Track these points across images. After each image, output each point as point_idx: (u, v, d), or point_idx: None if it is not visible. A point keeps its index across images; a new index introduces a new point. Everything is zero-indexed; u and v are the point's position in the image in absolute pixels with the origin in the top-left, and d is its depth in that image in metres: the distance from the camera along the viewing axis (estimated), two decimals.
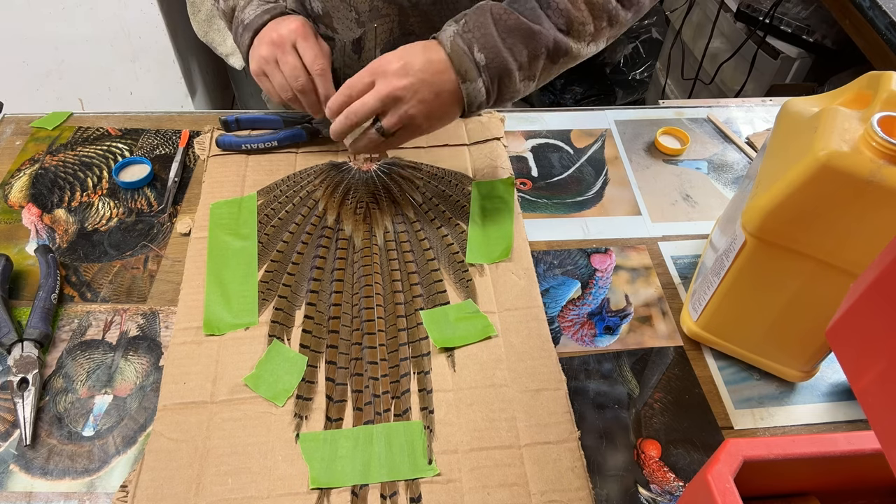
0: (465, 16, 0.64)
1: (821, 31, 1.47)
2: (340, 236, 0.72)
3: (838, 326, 0.31)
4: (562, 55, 0.65)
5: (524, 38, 0.63)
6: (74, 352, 0.62)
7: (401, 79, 0.62)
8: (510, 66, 0.63)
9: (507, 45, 0.62)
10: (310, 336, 0.64)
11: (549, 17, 0.63)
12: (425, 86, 0.62)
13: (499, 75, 0.63)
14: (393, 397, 0.60)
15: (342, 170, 0.79)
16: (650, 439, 0.59)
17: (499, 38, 0.62)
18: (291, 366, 0.61)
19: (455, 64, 0.63)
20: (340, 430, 0.57)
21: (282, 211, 0.75)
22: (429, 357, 0.63)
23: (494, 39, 0.62)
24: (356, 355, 0.63)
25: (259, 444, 0.56)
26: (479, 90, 0.64)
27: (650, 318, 0.68)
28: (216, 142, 0.81)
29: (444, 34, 0.64)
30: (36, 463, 0.55)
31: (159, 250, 0.71)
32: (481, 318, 0.65)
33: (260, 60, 0.71)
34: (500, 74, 0.63)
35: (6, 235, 0.72)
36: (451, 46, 0.63)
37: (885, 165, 0.45)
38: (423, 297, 0.67)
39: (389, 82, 0.62)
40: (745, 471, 0.40)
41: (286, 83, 0.70)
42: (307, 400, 0.59)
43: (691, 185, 0.82)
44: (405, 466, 0.55)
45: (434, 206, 0.76)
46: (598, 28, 0.66)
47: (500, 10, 0.63)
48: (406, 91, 0.62)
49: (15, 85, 1.58)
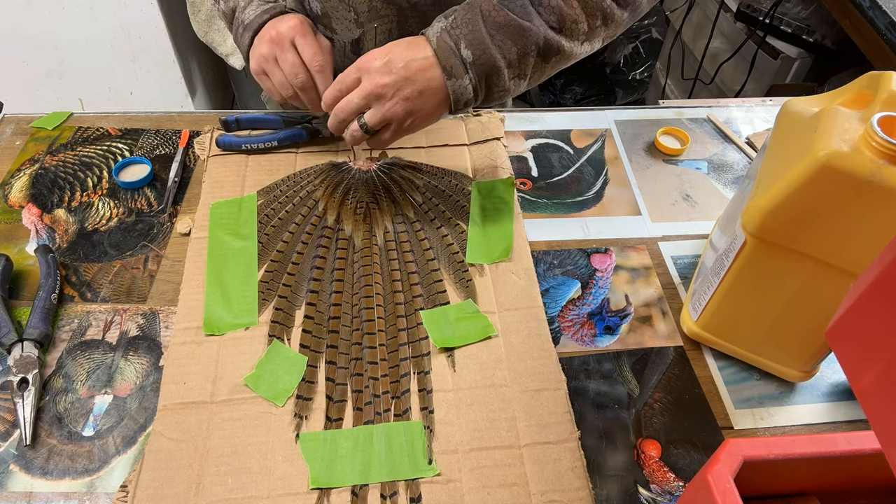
0: (455, 12, 0.64)
1: (821, 31, 1.47)
2: (340, 236, 0.72)
3: (838, 326, 0.31)
4: (554, 53, 0.64)
5: (513, 34, 0.62)
6: (74, 352, 0.62)
7: (383, 76, 0.61)
8: (498, 64, 0.62)
9: (496, 42, 0.62)
10: (310, 336, 0.64)
11: (541, 14, 0.62)
12: (409, 83, 0.62)
13: (486, 73, 0.63)
14: (393, 397, 0.60)
15: (342, 170, 0.79)
16: (650, 439, 0.59)
17: (487, 35, 0.62)
18: (291, 366, 0.61)
19: (441, 60, 0.62)
20: (340, 430, 0.57)
21: (282, 211, 0.75)
22: (429, 357, 0.63)
23: (482, 36, 0.62)
24: (356, 355, 0.63)
25: (259, 444, 0.56)
26: (466, 87, 0.63)
27: (650, 318, 0.68)
28: (216, 142, 0.81)
29: (432, 30, 0.63)
30: (36, 463, 0.55)
31: (159, 250, 0.71)
32: (481, 318, 0.65)
33: (259, 59, 0.70)
34: (488, 72, 0.63)
35: (6, 235, 0.72)
36: (438, 42, 0.62)
37: (885, 165, 0.45)
38: (423, 297, 0.67)
39: (372, 79, 0.62)
40: (745, 471, 0.40)
41: (286, 80, 0.70)
42: (307, 400, 0.59)
43: (691, 185, 0.82)
44: (405, 466, 0.55)
45: (434, 206, 0.76)
46: (591, 27, 0.65)
47: (490, 6, 0.62)
48: (388, 88, 0.61)
49: (15, 85, 1.58)
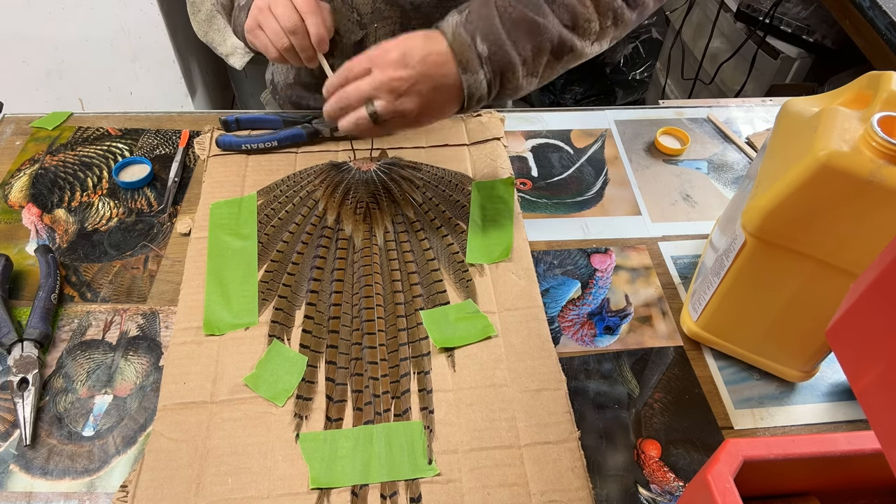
0: (469, 7, 0.63)
1: (821, 31, 1.47)
2: (340, 236, 0.72)
3: (838, 326, 0.31)
4: (567, 52, 0.64)
5: (529, 31, 0.62)
6: (74, 352, 0.62)
7: (398, 70, 0.60)
8: (514, 60, 0.62)
9: (512, 38, 0.61)
10: (310, 336, 0.64)
11: (554, 11, 0.63)
12: (424, 79, 0.61)
13: (501, 69, 0.62)
14: (393, 397, 0.60)
15: (342, 170, 0.79)
16: (650, 439, 0.59)
17: (503, 31, 0.61)
18: (291, 366, 0.61)
19: (456, 54, 0.61)
20: (340, 430, 0.57)
21: (282, 211, 0.75)
22: (429, 357, 0.63)
23: (498, 31, 0.61)
24: (356, 355, 0.62)
25: (259, 444, 0.56)
26: (480, 82, 0.63)
27: (650, 318, 0.68)
28: (216, 142, 0.81)
29: (447, 23, 0.63)
30: (36, 463, 0.55)
31: (159, 250, 0.71)
32: (481, 318, 0.65)
33: (255, 12, 0.69)
34: (503, 68, 0.62)
35: (6, 235, 0.72)
36: (454, 36, 0.62)
37: (885, 165, 0.45)
38: (423, 297, 0.67)
39: (386, 72, 0.61)
40: (745, 471, 0.40)
41: (279, 27, 0.68)
42: (307, 400, 0.59)
43: (691, 185, 0.82)
44: (405, 466, 0.55)
45: (434, 207, 0.76)
46: (602, 27, 0.65)
47: (505, 2, 0.62)
48: (403, 83, 0.61)
49: (15, 85, 1.58)
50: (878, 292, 0.28)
